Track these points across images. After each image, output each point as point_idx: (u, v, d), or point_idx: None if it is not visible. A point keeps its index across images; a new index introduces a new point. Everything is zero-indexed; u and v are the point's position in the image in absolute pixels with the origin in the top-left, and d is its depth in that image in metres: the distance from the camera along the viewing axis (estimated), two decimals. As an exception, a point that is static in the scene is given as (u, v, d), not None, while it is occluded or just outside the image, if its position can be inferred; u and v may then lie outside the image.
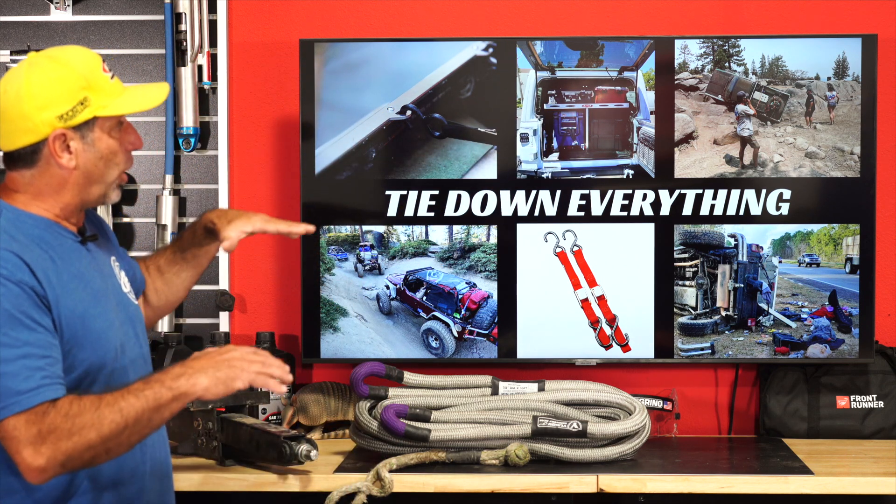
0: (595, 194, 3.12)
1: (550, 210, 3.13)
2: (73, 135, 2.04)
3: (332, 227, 3.16)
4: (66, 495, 2.06)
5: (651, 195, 3.11)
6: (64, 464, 1.92)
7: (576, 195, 3.12)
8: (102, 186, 2.11)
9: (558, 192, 3.12)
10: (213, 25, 3.30)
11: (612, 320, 3.13)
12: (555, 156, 3.13)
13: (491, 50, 3.12)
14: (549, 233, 3.13)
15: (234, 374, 2.02)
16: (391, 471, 2.71)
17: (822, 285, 3.12)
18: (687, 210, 3.11)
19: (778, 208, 3.10)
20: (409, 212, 3.14)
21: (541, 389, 2.91)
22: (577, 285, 3.13)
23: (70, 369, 2.02)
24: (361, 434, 2.88)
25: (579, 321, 3.14)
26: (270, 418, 3.18)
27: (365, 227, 3.16)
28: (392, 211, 3.14)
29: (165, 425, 2.89)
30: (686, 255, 3.12)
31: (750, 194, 3.10)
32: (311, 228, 2.39)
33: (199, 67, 3.30)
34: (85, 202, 2.12)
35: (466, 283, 3.15)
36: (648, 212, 3.12)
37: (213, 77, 3.30)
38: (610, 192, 3.11)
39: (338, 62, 3.13)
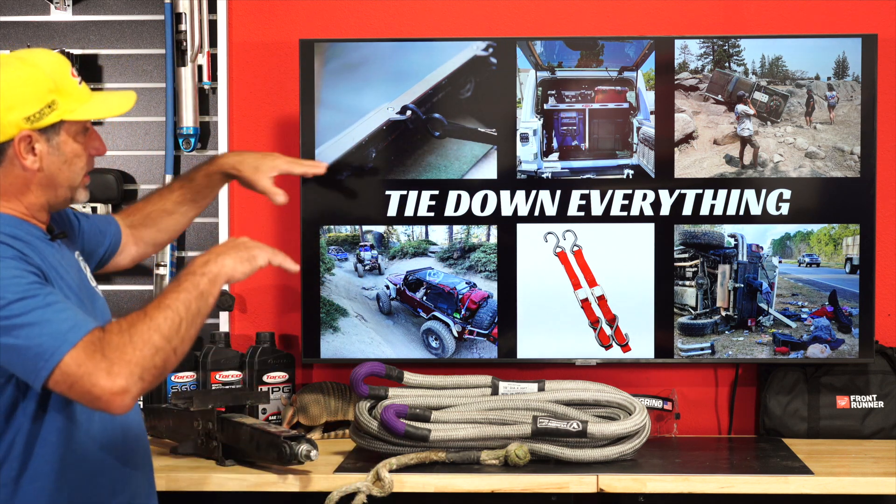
0: (595, 194, 3.12)
1: (550, 210, 3.13)
2: (39, 137, 2.05)
3: (332, 227, 3.16)
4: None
5: (651, 195, 3.11)
6: (142, 375, 1.91)
7: (576, 195, 3.12)
8: (66, 189, 2.13)
9: (558, 192, 3.12)
10: (213, 25, 3.30)
11: (612, 320, 3.13)
12: (555, 156, 3.13)
13: (491, 50, 3.12)
14: (549, 233, 3.13)
15: (255, 253, 2.12)
16: (391, 471, 2.71)
17: (822, 285, 3.12)
18: (687, 210, 3.11)
19: (778, 208, 3.10)
20: (409, 212, 3.14)
21: (541, 389, 2.91)
22: (577, 285, 3.14)
23: None
24: (361, 434, 2.88)
25: (579, 321, 3.14)
26: (270, 418, 3.18)
27: (365, 227, 3.16)
28: (392, 211, 3.14)
29: (166, 425, 2.91)
30: (686, 255, 3.12)
31: (750, 194, 3.10)
32: (324, 166, 2.83)
33: (199, 67, 3.30)
34: (50, 204, 2.13)
35: (466, 283, 3.15)
36: (648, 212, 3.12)
37: (213, 77, 3.30)
38: (610, 192, 3.12)
39: (338, 62, 3.13)
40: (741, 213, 3.11)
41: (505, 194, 3.13)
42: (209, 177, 2.60)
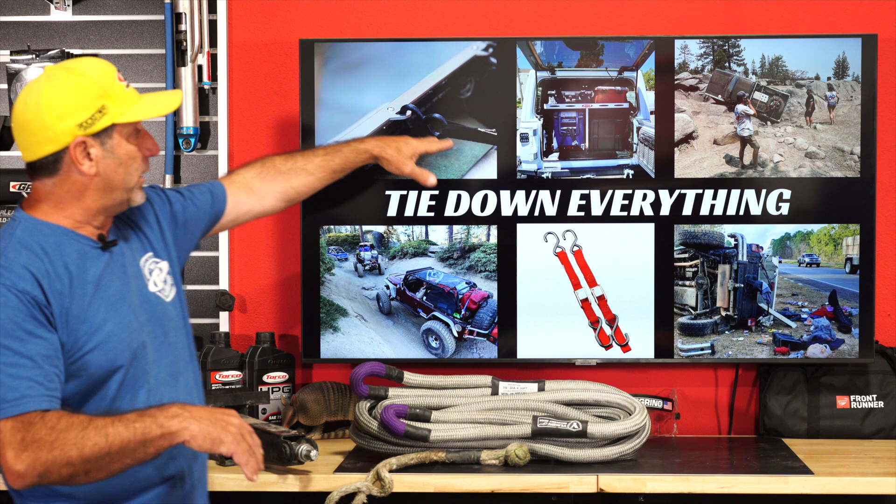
0: (595, 194, 3.12)
1: (550, 210, 3.13)
2: (93, 142, 2.10)
3: (332, 227, 3.16)
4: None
5: (651, 195, 3.11)
6: (42, 474, 1.96)
7: (576, 195, 3.12)
8: (123, 192, 2.17)
9: (558, 192, 3.12)
10: (213, 25, 3.30)
11: (612, 320, 3.13)
12: (555, 156, 3.13)
13: (491, 50, 3.12)
14: (549, 233, 3.13)
15: (224, 438, 2.04)
16: (391, 471, 2.71)
17: (822, 285, 3.12)
18: (687, 210, 3.11)
19: (778, 208, 3.10)
20: (409, 212, 3.14)
21: (541, 389, 2.91)
22: (577, 285, 3.13)
23: (82, 372, 2.07)
24: (361, 434, 2.88)
25: (579, 321, 3.14)
26: (270, 418, 3.18)
27: (365, 227, 3.16)
28: (392, 211, 3.14)
29: None
30: (686, 255, 3.12)
31: (750, 194, 3.10)
32: (450, 143, 3.03)
33: (199, 67, 3.30)
34: (107, 207, 2.17)
35: (466, 283, 3.15)
36: (648, 212, 3.12)
37: (213, 77, 3.30)
38: (610, 192, 3.12)
39: (338, 62, 3.13)
40: (741, 213, 3.11)
41: (505, 194, 3.13)
42: (357, 153, 2.85)
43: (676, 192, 3.11)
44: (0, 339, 1.98)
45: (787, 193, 3.10)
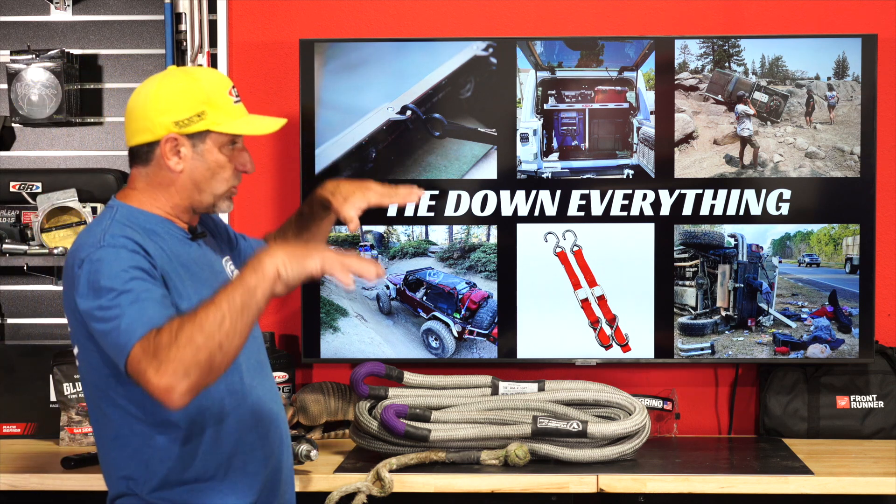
0: (595, 194, 3.12)
1: (550, 210, 3.13)
2: (185, 142, 2.17)
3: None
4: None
5: (651, 195, 3.11)
6: (186, 373, 1.94)
7: (576, 195, 3.12)
8: (209, 196, 2.22)
9: (558, 192, 3.12)
10: (213, 25, 3.30)
11: (612, 320, 3.13)
12: (555, 156, 3.13)
13: (491, 50, 3.12)
14: (549, 233, 3.13)
15: (311, 255, 2.02)
16: (391, 471, 2.71)
17: (822, 285, 3.12)
18: (687, 210, 3.11)
19: (778, 208, 3.10)
20: (409, 212, 3.15)
21: (541, 389, 2.91)
22: (577, 285, 3.14)
23: None
24: (361, 434, 2.88)
25: (579, 321, 3.14)
26: (270, 418, 3.18)
27: (365, 227, 3.16)
28: (392, 211, 3.14)
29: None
30: (686, 255, 3.12)
31: (750, 194, 3.10)
32: (419, 193, 2.47)
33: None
34: (193, 205, 2.22)
35: (466, 283, 3.15)
36: (648, 212, 3.12)
37: (213, 77, 3.30)
38: (610, 192, 3.12)
39: (338, 62, 3.13)
40: (741, 213, 3.11)
41: (505, 194, 3.13)
42: (311, 205, 2.53)
43: (676, 192, 3.11)
44: (117, 284, 2.02)
45: (787, 193, 3.10)
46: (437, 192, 3.13)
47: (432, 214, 3.14)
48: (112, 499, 2.19)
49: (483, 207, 3.14)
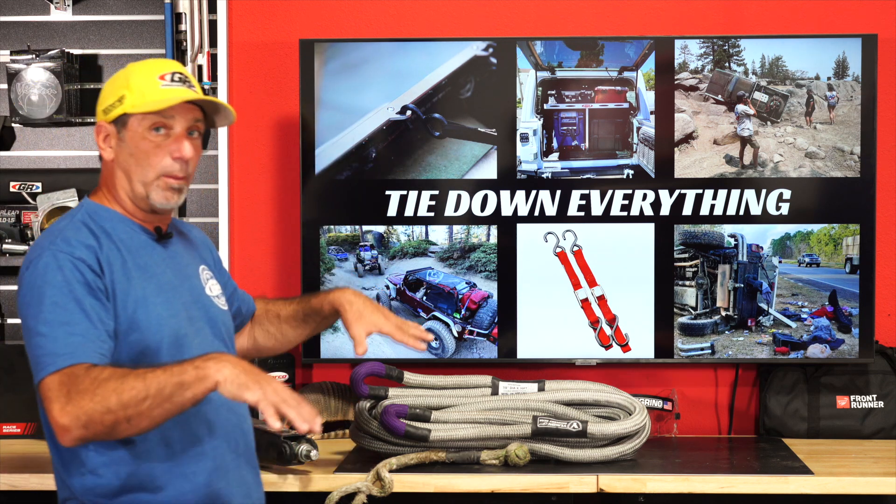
0: (595, 194, 3.12)
1: (550, 210, 3.13)
2: (110, 129, 2.18)
3: (332, 227, 3.16)
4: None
5: (651, 195, 3.11)
6: (86, 424, 1.97)
7: (576, 195, 3.12)
8: (139, 185, 2.19)
9: (558, 192, 3.12)
10: (213, 25, 3.30)
11: (612, 320, 3.13)
12: (555, 156, 3.13)
13: (491, 50, 3.12)
14: (549, 233, 3.13)
15: (252, 386, 1.99)
16: (391, 471, 2.71)
17: (822, 285, 3.12)
18: (687, 210, 3.11)
19: (778, 208, 3.11)
20: (409, 212, 3.15)
21: (541, 389, 2.91)
22: (577, 285, 3.14)
23: (126, 350, 2.11)
24: (361, 434, 2.88)
25: (579, 321, 3.14)
26: (270, 418, 3.18)
27: (365, 227, 3.16)
28: (392, 211, 3.14)
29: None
30: (686, 255, 3.12)
31: (750, 194, 3.10)
32: (430, 337, 2.45)
33: (199, 67, 3.30)
34: (135, 198, 2.20)
35: (466, 283, 3.15)
36: (648, 212, 3.12)
37: (213, 77, 3.30)
38: (610, 192, 3.12)
39: (338, 62, 3.13)
40: (741, 213, 3.11)
41: (505, 194, 3.13)
42: (321, 306, 2.47)
43: (676, 192, 3.11)
44: (56, 297, 2.04)
45: (787, 193, 3.10)
46: (437, 192, 3.13)
47: (432, 214, 3.14)
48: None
49: (483, 207, 3.14)
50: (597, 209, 3.12)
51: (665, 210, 3.12)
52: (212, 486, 2.19)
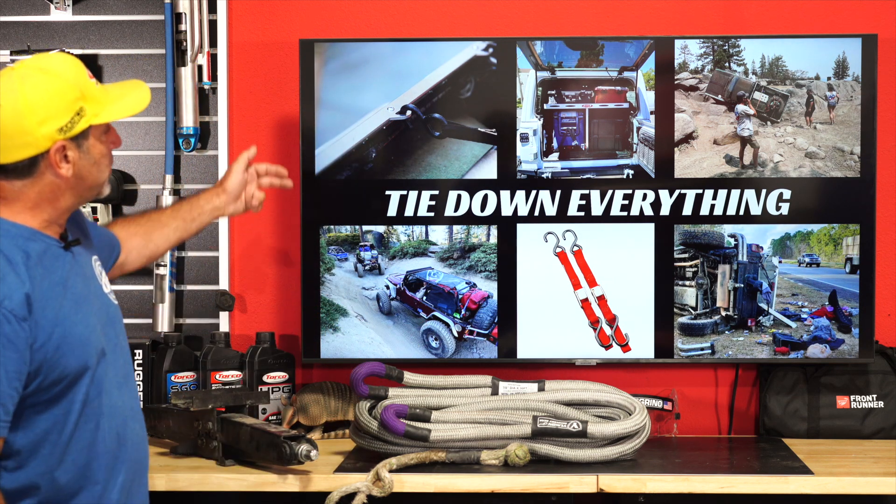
0: (595, 194, 3.12)
1: (550, 210, 3.13)
2: (71, 145, 2.09)
3: (332, 227, 3.16)
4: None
5: (651, 195, 3.11)
6: None
7: (576, 195, 3.12)
8: (93, 189, 2.17)
9: (558, 192, 3.12)
10: (213, 25, 3.30)
11: (612, 320, 3.13)
12: (555, 156, 3.13)
13: (491, 50, 3.12)
14: (549, 233, 3.13)
15: None
16: (391, 471, 2.71)
17: (822, 285, 3.12)
18: (687, 210, 3.11)
19: (778, 208, 3.11)
20: (409, 212, 3.15)
21: (541, 389, 2.91)
22: (577, 285, 3.14)
23: (49, 372, 2.06)
24: (361, 434, 2.88)
25: (579, 321, 3.14)
26: (270, 418, 3.18)
27: (365, 227, 3.16)
28: (392, 211, 3.14)
29: (166, 425, 2.91)
30: (686, 255, 3.12)
31: (750, 194, 3.10)
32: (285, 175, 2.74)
33: (199, 67, 3.30)
34: (77, 205, 2.17)
35: (466, 283, 3.15)
36: (648, 212, 3.12)
37: (213, 77, 3.30)
38: (610, 192, 3.12)
39: (338, 62, 3.13)
40: (741, 213, 3.11)
41: (505, 194, 3.13)
42: (198, 206, 2.61)
43: (676, 192, 3.11)
44: None
45: (787, 193, 3.10)
46: (437, 192, 3.13)
47: (432, 214, 3.14)
48: None
49: (483, 207, 3.14)
50: (597, 209, 3.12)
51: (665, 210, 3.12)
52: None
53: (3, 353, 1.98)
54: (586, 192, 3.12)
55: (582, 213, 3.13)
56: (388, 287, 3.17)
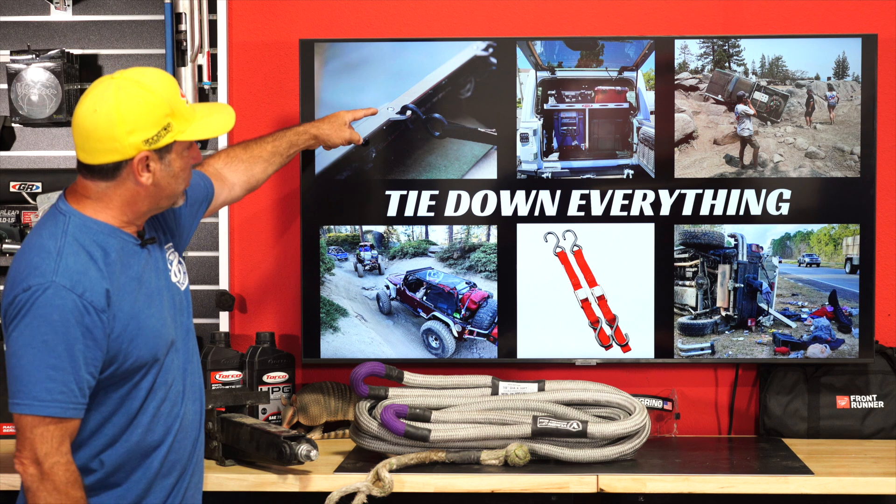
0: (595, 194, 3.12)
1: (550, 210, 3.13)
2: (154, 156, 2.21)
3: (332, 227, 3.16)
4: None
5: (651, 195, 3.11)
6: (29, 488, 2.14)
7: (576, 195, 3.12)
8: (171, 199, 2.29)
9: (558, 192, 3.12)
10: (213, 25, 3.30)
11: (612, 320, 3.13)
12: (555, 156, 3.13)
13: (491, 50, 3.12)
14: (549, 233, 3.13)
15: None
16: (391, 471, 2.71)
17: (822, 285, 3.12)
18: (687, 210, 3.11)
19: (778, 208, 3.11)
20: (409, 212, 3.15)
21: (541, 389, 2.91)
22: (577, 285, 3.14)
23: (124, 361, 2.21)
24: (361, 434, 2.88)
25: (579, 321, 3.14)
26: (270, 418, 3.18)
27: (365, 227, 3.16)
28: (392, 211, 3.15)
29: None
30: (686, 255, 3.12)
31: (750, 194, 3.10)
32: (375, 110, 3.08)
33: (199, 67, 3.30)
34: (153, 211, 2.30)
35: (466, 283, 3.15)
36: (648, 212, 3.12)
37: (213, 77, 3.30)
38: (610, 192, 3.12)
39: (338, 62, 3.13)
40: (741, 213, 3.11)
41: (505, 194, 3.13)
42: (298, 135, 2.94)
43: (676, 192, 3.11)
44: (48, 336, 2.10)
45: (787, 193, 3.10)
46: (437, 192, 3.13)
47: (432, 214, 3.14)
48: None
49: (483, 207, 3.14)
50: (597, 209, 3.12)
51: (665, 210, 3.12)
52: None
53: (83, 341, 2.12)
54: (586, 192, 3.12)
55: (582, 213, 3.13)
56: (388, 287, 3.17)
